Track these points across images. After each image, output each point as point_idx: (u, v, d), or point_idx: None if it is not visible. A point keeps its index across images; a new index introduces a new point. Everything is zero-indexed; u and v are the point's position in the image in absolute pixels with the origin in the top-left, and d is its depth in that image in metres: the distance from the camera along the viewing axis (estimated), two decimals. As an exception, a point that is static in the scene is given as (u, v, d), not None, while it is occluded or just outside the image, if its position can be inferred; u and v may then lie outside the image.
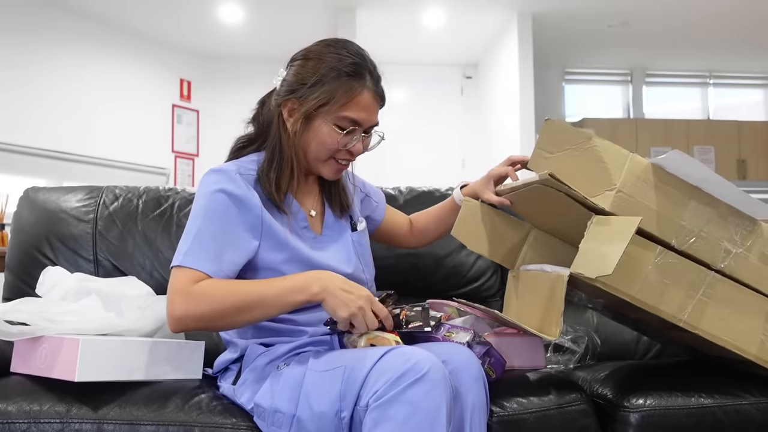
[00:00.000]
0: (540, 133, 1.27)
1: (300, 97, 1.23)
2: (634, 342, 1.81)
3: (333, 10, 5.27)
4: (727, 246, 1.22)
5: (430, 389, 0.98)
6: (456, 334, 1.25)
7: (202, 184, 1.23)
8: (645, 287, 1.16)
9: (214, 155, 6.16)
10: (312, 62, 1.25)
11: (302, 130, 1.24)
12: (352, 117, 1.23)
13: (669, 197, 1.20)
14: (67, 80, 5.18)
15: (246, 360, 1.25)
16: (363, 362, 1.03)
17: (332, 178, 1.32)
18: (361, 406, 1.00)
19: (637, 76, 6.79)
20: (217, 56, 6.22)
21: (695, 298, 1.19)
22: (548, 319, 1.20)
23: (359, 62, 1.24)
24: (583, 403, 1.25)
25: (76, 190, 1.78)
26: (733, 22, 5.56)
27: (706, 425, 1.24)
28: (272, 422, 1.10)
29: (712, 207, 1.22)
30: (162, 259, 1.71)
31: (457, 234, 1.46)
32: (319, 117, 1.23)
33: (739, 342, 1.21)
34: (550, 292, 1.20)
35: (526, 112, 5.32)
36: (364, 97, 1.23)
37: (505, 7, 5.30)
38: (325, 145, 1.25)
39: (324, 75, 1.22)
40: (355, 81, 1.22)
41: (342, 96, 1.21)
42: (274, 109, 1.29)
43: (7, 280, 1.69)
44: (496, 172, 1.43)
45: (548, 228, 1.47)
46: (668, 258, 1.18)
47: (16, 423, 1.10)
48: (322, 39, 1.30)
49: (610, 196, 1.19)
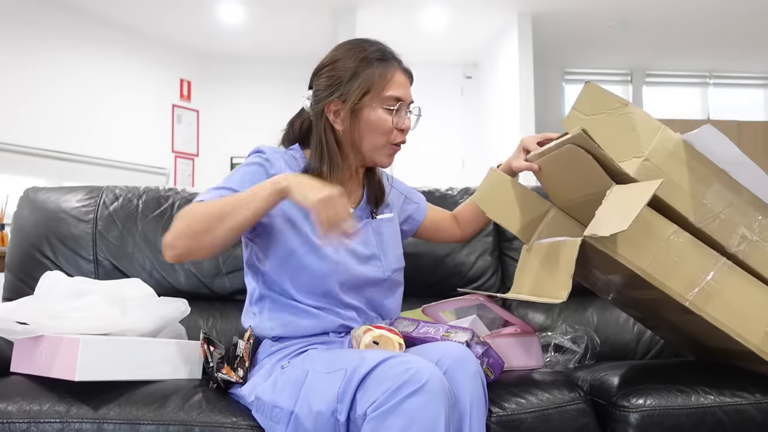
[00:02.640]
0: (579, 95, 1.30)
1: (341, 95, 1.28)
2: (634, 342, 1.81)
3: (333, 10, 5.27)
4: (744, 232, 1.23)
5: (428, 400, 0.98)
6: (455, 334, 1.25)
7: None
8: (656, 262, 1.17)
9: (214, 155, 6.17)
10: (340, 62, 1.31)
11: (352, 126, 1.30)
12: (395, 95, 1.30)
13: (695, 174, 1.21)
14: (67, 80, 5.18)
15: (258, 355, 1.28)
16: (362, 367, 1.04)
17: (388, 165, 1.37)
18: (360, 414, 1.01)
19: (637, 76, 6.79)
20: (217, 56, 6.22)
21: (704, 280, 1.19)
22: (557, 283, 1.20)
23: (382, 48, 1.33)
24: (581, 402, 1.25)
25: (76, 190, 1.78)
26: (733, 22, 5.56)
27: (706, 425, 1.24)
28: (270, 417, 1.11)
29: (735, 192, 1.23)
30: (162, 259, 1.71)
31: (478, 200, 1.51)
32: (366, 106, 1.29)
33: (742, 330, 1.21)
34: (563, 257, 1.20)
35: (526, 112, 5.32)
36: (398, 75, 1.31)
37: (505, 7, 5.30)
38: (379, 130, 1.30)
39: (356, 67, 1.28)
40: (386, 63, 1.31)
41: (380, 79, 1.29)
42: (316, 117, 1.32)
43: (7, 280, 1.70)
44: (528, 140, 1.48)
45: (568, 205, 1.49)
46: (682, 237, 1.19)
47: (16, 423, 1.10)
48: (336, 45, 1.36)
49: (636, 163, 1.20)
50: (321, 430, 1.04)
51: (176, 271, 1.73)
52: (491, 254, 1.87)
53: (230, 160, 6.20)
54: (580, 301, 1.86)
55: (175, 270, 1.73)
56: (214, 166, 6.17)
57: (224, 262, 1.74)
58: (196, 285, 1.74)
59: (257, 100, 6.27)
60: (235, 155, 6.19)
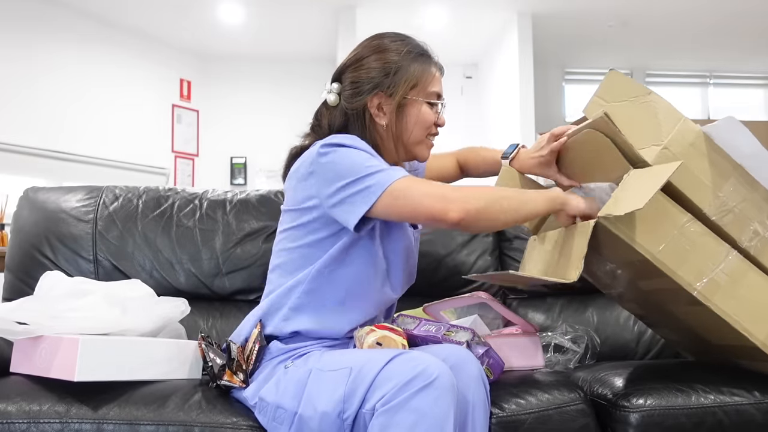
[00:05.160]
0: (602, 82, 1.30)
1: (387, 88, 1.28)
2: (635, 342, 1.81)
3: (333, 10, 5.27)
4: (757, 227, 1.23)
5: (438, 396, 0.98)
6: (456, 333, 1.25)
7: (328, 150, 1.21)
8: (668, 248, 1.17)
9: (214, 155, 6.17)
10: (380, 54, 1.30)
11: (398, 120, 1.29)
12: (437, 91, 1.33)
13: (713, 167, 1.22)
14: (67, 80, 5.17)
15: (267, 354, 1.26)
16: (370, 365, 1.03)
17: (427, 158, 1.37)
18: (367, 410, 1.00)
19: (637, 76, 6.78)
20: (217, 56, 6.21)
21: (714, 271, 1.19)
22: (566, 264, 1.20)
23: (418, 43, 1.34)
24: (581, 402, 1.25)
25: (76, 190, 1.78)
26: (733, 22, 5.56)
27: (706, 425, 1.24)
28: (273, 417, 1.10)
29: (751, 188, 1.24)
30: (162, 259, 1.72)
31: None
32: (411, 100, 1.30)
33: (748, 325, 1.21)
34: (576, 238, 1.20)
35: (526, 112, 5.32)
36: (437, 71, 1.34)
37: (505, 7, 5.30)
38: (423, 124, 1.31)
39: (401, 60, 1.29)
40: (427, 59, 1.33)
41: (424, 74, 1.30)
42: (356, 111, 1.29)
43: (7, 280, 1.69)
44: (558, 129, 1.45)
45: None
46: (696, 227, 1.19)
47: (16, 423, 1.10)
48: (365, 39, 1.35)
49: (655, 151, 1.21)
50: (326, 430, 1.03)
51: (176, 271, 1.73)
52: (491, 254, 1.87)
53: (230, 160, 6.20)
54: (580, 301, 1.86)
55: (174, 270, 1.73)
56: (214, 166, 6.17)
57: (224, 263, 1.74)
58: (196, 285, 1.74)
59: (257, 100, 6.26)
60: (235, 155, 6.19)
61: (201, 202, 1.80)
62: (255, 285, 1.76)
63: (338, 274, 1.25)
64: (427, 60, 1.32)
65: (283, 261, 1.30)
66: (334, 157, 1.19)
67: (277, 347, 1.25)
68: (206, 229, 1.76)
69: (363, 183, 1.16)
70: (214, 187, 1.89)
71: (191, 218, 1.76)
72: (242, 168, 6.20)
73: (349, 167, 1.18)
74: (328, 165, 1.20)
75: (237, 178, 6.19)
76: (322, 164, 1.20)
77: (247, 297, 1.78)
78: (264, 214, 1.79)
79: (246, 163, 6.20)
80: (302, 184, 1.24)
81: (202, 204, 1.79)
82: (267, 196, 1.83)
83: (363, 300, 1.28)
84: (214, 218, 1.77)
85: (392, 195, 1.15)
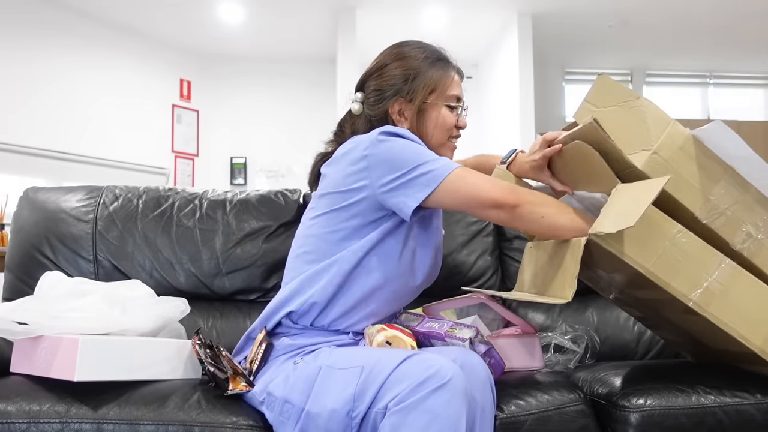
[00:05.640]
0: (592, 87, 1.30)
1: (407, 94, 1.31)
2: (634, 342, 1.81)
3: (333, 10, 5.27)
4: (750, 229, 1.23)
5: (451, 398, 0.98)
6: (459, 330, 1.25)
7: (387, 138, 1.23)
8: (660, 261, 1.17)
9: (214, 155, 6.17)
10: (400, 62, 1.34)
11: (418, 124, 1.33)
12: (456, 94, 1.37)
13: (702, 170, 1.22)
14: (66, 80, 5.17)
15: (274, 352, 1.26)
16: (382, 365, 1.03)
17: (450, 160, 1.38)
18: (379, 409, 1.00)
19: (637, 76, 6.78)
20: (217, 56, 6.21)
21: (708, 280, 1.19)
22: (562, 282, 1.20)
23: (436, 48, 1.39)
24: (581, 403, 1.25)
25: (76, 190, 1.78)
26: (733, 22, 5.56)
27: (706, 425, 1.24)
28: (280, 412, 1.10)
29: (742, 190, 1.23)
30: (162, 259, 1.72)
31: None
32: (431, 104, 1.34)
33: (745, 331, 1.20)
34: (568, 255, 1.20)
35: (526, 112, 5.32)
36: (455, 75, 1.38)
37: (505, 7, 5.30)
38: (444, 127, 1.35)
39: (419, 66, 1.33)
40: (445, 63, 1.37)
41: (442, 78, 1.35)
42: (378, 117, 1.33)
43: (7, 280, 1.70)
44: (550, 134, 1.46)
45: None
46: (687, 237, 1.18)
47: (16, 423, 1.10)
48: (387, 48, 1.38)
49: (645, 156, 1.20)
50: (333, 428, 1.03)
51: (176, 271, 1.73)
52: (491, 254, 1.87)
53: (230, 160, 6.20)
54: (580, 301, 1.85)
55: (174, 270, 1.73)
56: (214, 166, 6.17)
57: (224, 263, 1.74)
58: (196, 285, 1.74)
59: (257, 100, 6.27)
60: (235, 155, 6.19)
61: (201, 202, 1.80)
62: (255, 285, 1.76)
63: (370, 262, 1.25)
64: (446, 64, 1.36)
65: (313, 248, 1.29)
66: (393, 145, 1.22)
67: (284, 344, 1.25)
68: (206, 229, 1.76)
69: (422, 169, 1.20)
70: (214, 187, 1.89)
71: (191, 218, 1.76)
72: (242, 168, 6.20)
73: (407, 156, 1.21)
74: (385, 152, 1.22)
75: (237, 178, 6.20)
76: (380, 150, 1.22)
77: (247, 297, 1.78)
78: (264, 214, 1.79)
79: (246, 163, 6.21)
80: (353, 167, 1.25)
81: (202, 204, 1.79)
82: (267, 196, 1.83)
83: (387, 292, 1.28)
84: (214, 218, 1.77)
85: (453, 182, 1.19)
